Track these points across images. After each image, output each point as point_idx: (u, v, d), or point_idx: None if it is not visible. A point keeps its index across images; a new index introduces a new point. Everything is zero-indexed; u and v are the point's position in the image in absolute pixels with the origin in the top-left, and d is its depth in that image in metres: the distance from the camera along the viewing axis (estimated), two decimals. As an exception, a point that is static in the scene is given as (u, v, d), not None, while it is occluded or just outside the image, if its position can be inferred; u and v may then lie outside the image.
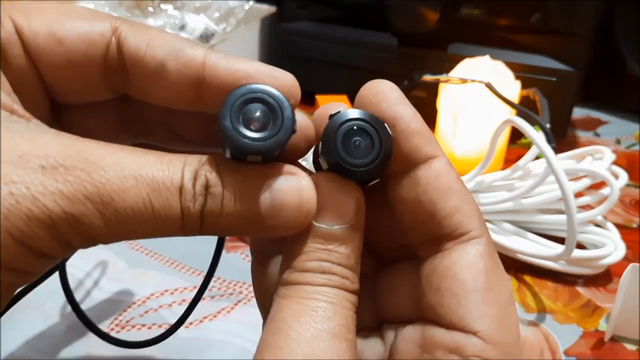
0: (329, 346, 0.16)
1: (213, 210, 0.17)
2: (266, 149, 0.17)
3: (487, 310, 0.17)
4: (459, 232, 0.18)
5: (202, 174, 0.17)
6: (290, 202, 0.17)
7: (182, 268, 0.42)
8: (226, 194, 0.17)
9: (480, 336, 0.17)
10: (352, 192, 0.18)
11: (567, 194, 0.36)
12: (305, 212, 0.18)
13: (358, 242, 0.19)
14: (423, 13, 0.58)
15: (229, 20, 0.62)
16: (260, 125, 0.18)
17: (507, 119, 0.42)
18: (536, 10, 0.59)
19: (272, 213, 0.17)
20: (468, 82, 0.50)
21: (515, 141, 0.55)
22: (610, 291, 0.41)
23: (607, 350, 0.37)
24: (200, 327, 0.37)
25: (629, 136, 0.64)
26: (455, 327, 0.17)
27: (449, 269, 0.18)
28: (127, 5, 0.62)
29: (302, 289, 0.17)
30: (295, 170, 0.18)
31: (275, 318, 0.17)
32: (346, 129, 0.18)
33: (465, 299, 0.17)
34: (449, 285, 0.18)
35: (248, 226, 0.18)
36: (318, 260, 0.18)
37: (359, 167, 0.18)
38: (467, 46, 0.60)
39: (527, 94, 0.54)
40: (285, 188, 0.18)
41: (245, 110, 0.18)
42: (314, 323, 0.17)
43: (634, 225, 0.49)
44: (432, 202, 0.18)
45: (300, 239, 0.18)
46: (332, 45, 0.64)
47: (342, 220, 0.18)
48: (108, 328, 0.37)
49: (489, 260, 0.18)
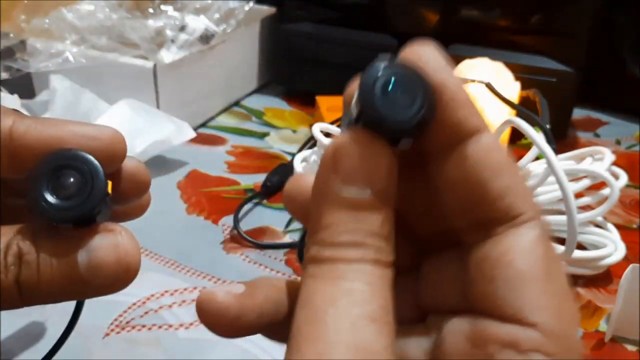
0: (372, 333, 0.15)
1: (29, 278, 0.17)
2: (72, 217, 0.18)
3: (547, 301, 0.16)
4: (512, 214, 0.16)
5: (14, 244, 0.17)
6: (108, 259, 0.18)
7: (182, 269, 0.42)
8: (42, 261, 0.18)
9: (539, 329, 0.15)
10: (386, 151, 0.16)
11: (568, 194, 0.36)
12: (125, 267, 0.18)
13: (391, 209, 0.17)
14: (423, 14, 0.58)
15: (229, 21, 0.62)
16: (70, 193, 0.18)
17: (507, 120, 0.42)
18: (536, 11, 0.59)
19: (92, 272, 0.18)
20: (468, 83, 0.50)
21: (515, 141, 0.55)
22: (611, 292, 0.41)
23: (607, 350, 0.37)
24: (200, 327, 0.37)
25: (629, 137, 0.64)
26: (511, 319, 0.16)
27: (503, 255, 0.16)
28: (127, 6, 0.62)
29: (335, 268, 0.16)
30: (112, 227, 0.18)
31: (309, 302, 0.16)
32: (387, 76, 0.16)
33: (522, 289, 0.16)
34: (504, 274, 0.16)
35: (71, 290, 0.18)
36: (350, 231, 0.16)
37: (397, 120, 0.16)
38: (467, 47, 0.60)
39: (527, 95, 0.54)
40: (101, 246, 0.18)
41: (57, 176, 0.18)
42: (352, 307, 0.15)
43: (634, 225, 0.49)
44: (481, 181, 0.16)
45: (327, 208, 0.16)
46: (332, 46, 0.64)
47: (374, 184, 0.16)
48: (108, 329, 0.37)
49: (546, 246, 0.16)
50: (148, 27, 0.58)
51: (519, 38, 0.60)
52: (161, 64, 0.55)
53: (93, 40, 0.58)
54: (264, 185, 0.51)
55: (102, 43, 0.58)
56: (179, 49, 0.57)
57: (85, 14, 0.59)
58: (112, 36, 0.59)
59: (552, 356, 0.15)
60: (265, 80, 0.73)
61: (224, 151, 0.58)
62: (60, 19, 0.58)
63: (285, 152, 0.59)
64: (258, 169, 0.55)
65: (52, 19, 0.59)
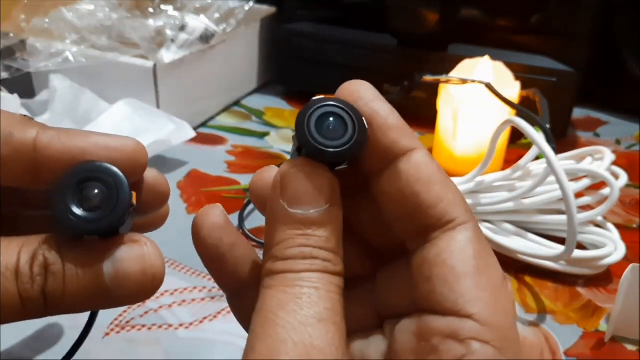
0: (318, 331, 0.16)
1: (55, 289, 0.17)
2: (99, 229, 0.18)
3: (480, 293, 0.17)
4: (445, 220, 0.18)
5: (40, 254, 0.17)
6: (134, 270, 0.18)
7: (182, 269, 0.42)
8: (67, 271, 0.18)
9: (475, 319, 0.17)
10: (325, 174, 0.18)
11: (568, 194, 0.36)
12: (150, 278, 0.18)
13: (337, 224, 0.18)
14: (423, 14, 0.58)
15: (229, 21, 0.63)
16: (95, 204, 0.18)
17: (507, 120, 0.42)
18: (536, 11, 0.59)
19: (117, 284, 0.18)
20: (468, 83, 0.50)
21: (515, 141, 0.55)
22: (611, 292, 0.41)
23: (607, 350, 0.37)
24: (200, 328, 0.37)
25: (628, 137, 0.64)
26: (450, 312, 0.17)
27: (437, 256, 0.18)
28: (127, 6, 0.62)
29: (286, 277, 0.18)
30: (137, 238, 0.19)
31: (263, 309, 0.17)
32: (320, 112, 0.18)
33: (456, 284, 0.17)
34: (440, 272, 0.18)
35: (96, 300, 0.18)
36: (298, 246, 0.18)
37: (332, 148, 0.18)
38: (467, 47, 0.60)
39: (527, 95, 0.54)
40: (127, 257, 0.18)
41: (82, 189, 0.18)
42: (300, 310, 0.17)
43: (634, 225, 0.49)
44: (415, 193, 0.18)
45: (278, 227, 0.18)
46: (332, 46, 0.64)
47: (317, 203, 0.18)
48: (108, 329, 0.37)
49: (477, 245, 0.18)
50: (148, 27, 0.58)
51: (519, 38, 0.60)
52: (161, 64, 0.55)
53: (93, 40, 0.58)
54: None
55: (102, 43, 0.58)
56: (179, 48, 0.57)
57: (85, 14, 0.59)
58: (112, 36, 0.59)
59: (489, 343, 0.17)
60: (265, 80, 0.73)
61: (224, 151, 0.58)
62: (60, 18, 0.58)
63: (285, 152, 0.59)
64: (258, 169, 0.55)
65: (52, 18, 0.58)
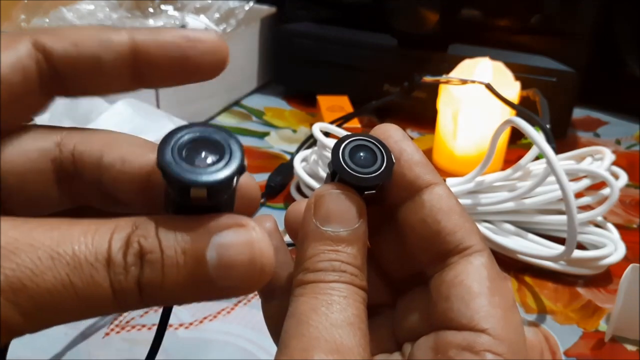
0: (346, 332, 0.18)
1: (152, 279, 0.15)
2: (215, 181, 0.16)
3: (493, 311, 0.19)
4: (462, 246, 0.20)
5: (134, 241, 0.15)
6: (241, 258, 0.16)
7: (182, 269, 0.42)
8: (166, 260, 0.16)
9: (488, 333, 0.19)
10: (355, 197, 0.20)
11: (568, 194, 0.36)
12: (259, 268, 0.16)
13: (363, 243, 0.20)
14: (423, 14, 0.58)
15: (229, 21, 0.63)
16: (207, 161, 0.16)
17: (507, 120, 0.42)
18: (536, 11, 0.59)
19: (222, 273, 0.16)
20: (468, 83, 0.50)
21: (515, 141, 0.55)
22: (611, 292, 0.41)
23: (607, 350, 0.37)
24: (200, 327, 0.37)
25: (628, 137, 0.64)
26: (466, 327, 0.19)
27: (455, 277, 0.20)
28: (127, 6, 0.62)
29: (317, 286, 0.19)
30: (244, 221, 0.16)
31: (295, 313, 0.18)
32: (353, 144, 0.21)
33: (472, 302, 0.19)
34: (457, 292, 0.20)
35: (198, 291, 0.16)
36: (329, 260, 0.19)
37: (363, 174, 0.20)
38: (467, 47, 0.60)
39: (527, 95, 0.54)
40: (234, 243, 0.16)
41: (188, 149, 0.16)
42: (331, 313, 0.18)
43: (634, 225, 0.49)
44: (436, 221, 0.21)
45: (310, 244, 0.20)
46: (332, 46, 0.64)
47: (347, 223, 0.20)
48: (108, 329, 0.37)
49: (491, 270, 0.20)
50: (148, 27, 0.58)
51: (518, 38, 0.60)
52: (161, 64, 0.55)
53: (93, 40, 0.58)
54: (268, 186, 0.51)
55: (102, 43, 0.57)
56: (179, 48, 0.57)
57: (85, 14, 0.59)
58: (112, 36, 0.59)
59: (501, 355, 0.19)
60: (265, 80, 0.73)
61: (224, 151, 0.58)
62: (60, 18, 0.58)
63: (285, 151, 0.59)
64: (258, 169, 0.55)
65: (52, 18, 0.59)
